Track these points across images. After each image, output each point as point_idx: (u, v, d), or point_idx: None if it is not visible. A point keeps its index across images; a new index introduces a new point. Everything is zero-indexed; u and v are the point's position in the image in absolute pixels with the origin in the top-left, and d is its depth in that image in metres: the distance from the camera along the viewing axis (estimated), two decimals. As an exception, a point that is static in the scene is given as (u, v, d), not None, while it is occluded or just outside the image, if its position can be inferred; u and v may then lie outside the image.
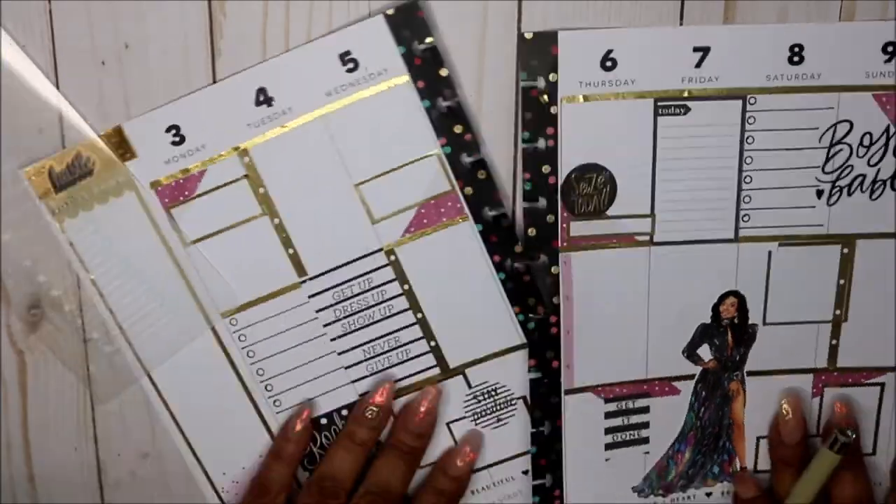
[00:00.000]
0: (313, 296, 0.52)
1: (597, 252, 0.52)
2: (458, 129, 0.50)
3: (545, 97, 0.50)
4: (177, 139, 0.49)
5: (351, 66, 0.49)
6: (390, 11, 0.48)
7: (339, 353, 0.52)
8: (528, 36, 0.49)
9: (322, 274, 0.52)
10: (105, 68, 0.49)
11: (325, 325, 0.52)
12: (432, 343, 0.52)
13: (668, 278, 0.53)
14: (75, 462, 0.55)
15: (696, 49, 0.50)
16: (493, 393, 0.53)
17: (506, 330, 0.52)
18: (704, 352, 0.54)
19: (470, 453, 0.53)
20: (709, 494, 0.56)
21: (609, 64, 0.50)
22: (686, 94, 0.50)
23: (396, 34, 0.48)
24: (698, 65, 0.50)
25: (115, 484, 0.55)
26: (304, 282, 0.51)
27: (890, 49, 0.50)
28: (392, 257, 0.51)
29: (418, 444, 0.53)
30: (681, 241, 0.53)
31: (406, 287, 0.52)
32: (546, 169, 0.51)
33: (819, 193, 0.52)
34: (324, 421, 0.53)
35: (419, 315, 0.52)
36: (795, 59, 0.50)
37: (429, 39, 0.48)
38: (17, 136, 0.49)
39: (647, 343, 0.54)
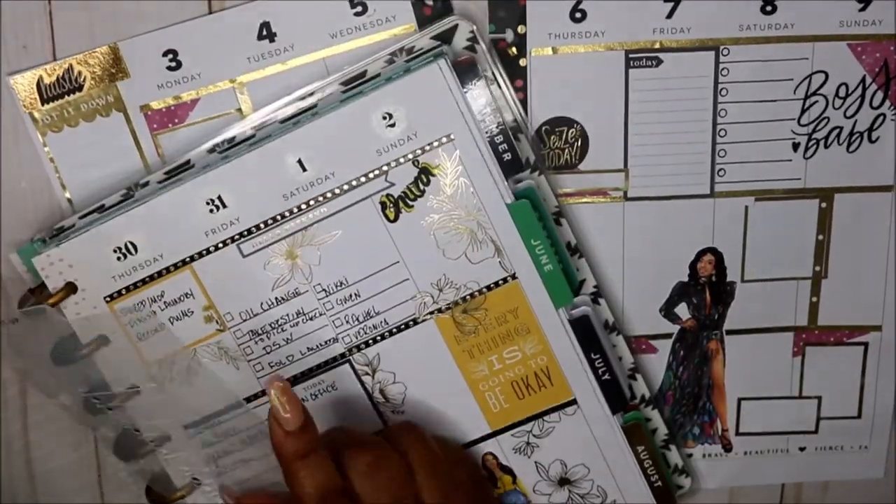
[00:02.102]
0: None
1: (568, 207, 0.51)
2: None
3: (513, 49, 0.50)
4: (173, 64, 0.49)
5: (359, 9, 0.49)
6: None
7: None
8: (498, -13, 0.49)
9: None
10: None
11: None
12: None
13: (643, 235, 0.52)
14: (75, 462, 0.55)
15: (667, -1, 0.49)
16: None
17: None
18: (682, 310, 0.54)
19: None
20: (689, 455, 0.55)
21: (578, 15, 0.49)
22: (658, 46, 0.50)
23: (409, -19, 0.49)
24: (670, 15, 0.49)
25: (115, 484, 0.55)
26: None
27: (864, -3, 0.49)
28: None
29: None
30: (655, 197, 0.52)
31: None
32: (516, 122, 0.51)
33: (795, 146, 0.51)
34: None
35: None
36: (768, 8, 0.49)
37: None
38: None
39: (622, 301, 0.53)
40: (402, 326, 0.50)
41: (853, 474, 0.56)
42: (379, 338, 0.50)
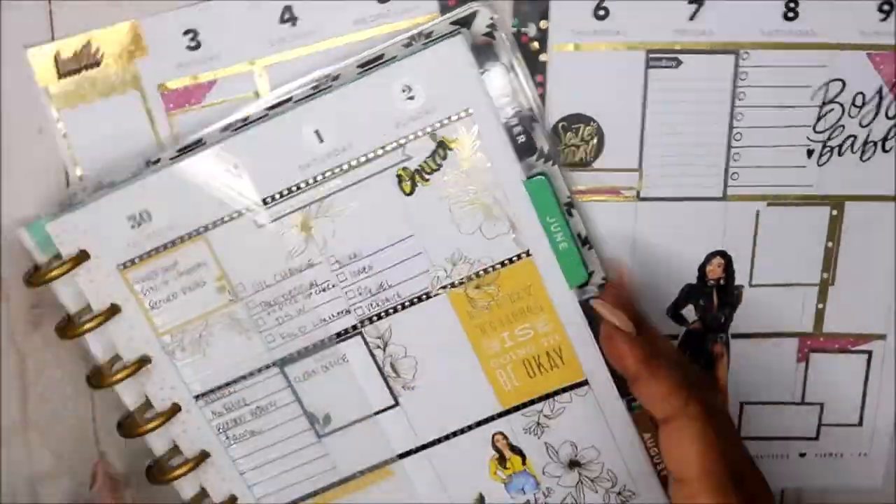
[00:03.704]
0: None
1: (581, 203, 0.51)
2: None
3: (535, 44, 0.50)
4: (193, 44, 0.49)
5: None
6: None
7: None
8: (522, -18, 0.49)
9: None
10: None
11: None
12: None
13: (653, 236, 0.52)
14: (75, 462, 0.55)
15: (690, 1, 0.49)
16: None
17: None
18: (689, 312, 0.54)
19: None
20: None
21: (602, 13, 0.50)
22: (678, 47, 0.50)
23: (433, -32, 0.49)
24: (692, 17, 0.50)
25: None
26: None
27: (886, 7, 0.49)
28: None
29: None
30: (668, 198, 0.52)
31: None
32: (533, 116, 0.51)
33: (809, 153, 0.51)
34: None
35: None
36: (790, 14, 0.50)
37: None
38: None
39: (630, 300, 0.53)
40: (415, 300, 0.50)
41: (852, 481, 0.56)
42: (391, 310, 0.50)
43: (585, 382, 0.51)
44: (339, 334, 0.50)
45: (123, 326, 0.49)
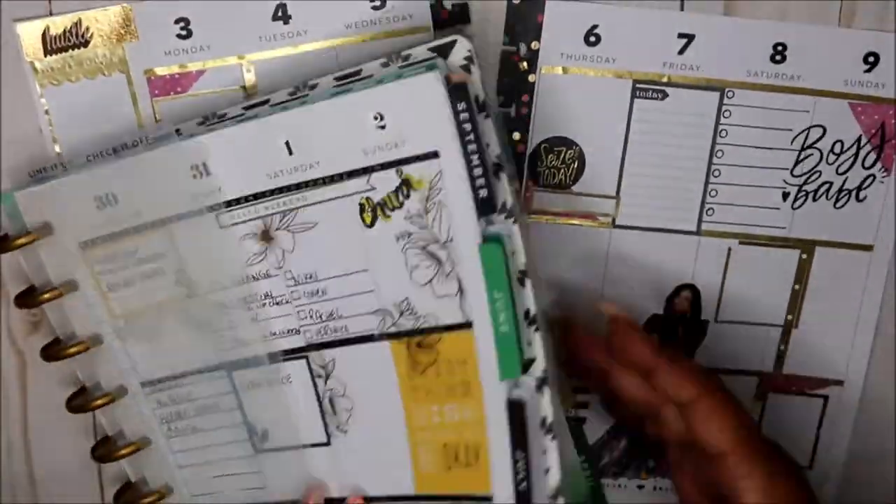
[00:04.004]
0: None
1: (556, 226, 0.52)
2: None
3: (524, 64, 0.50)
4: (183, 33, 0.49)
5: (378, 2, 0.49)
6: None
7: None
8: (517, 1, 0.49)
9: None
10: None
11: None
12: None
13: (625, 264, 0.53)
14: (75, 462, 0.54)
15: (680, 35, 0.50)
16: None
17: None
18: (653, 342, 0.54)
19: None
20: (641, 487, 0.56)
21: (593, 39, 0.50)
22: (666, 80, 0.50)
23: (430, -17, 0.49)
24: (681, 51, 0.50)
25: (115, 484, 0.54)
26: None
27: (871, 59, 0.50)
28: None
29: None
30: (642, 227, 0.52)
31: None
32: (516, 136, 0.51)
33: (785, 195, 0.52)
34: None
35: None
36: (778, 57, 0.50)
37: None
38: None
39: (597, 325, 0.53)
40: (360, 339, 0.48)
41: (799, 523, 0.56)
42: (338, 343, 0.48)
43: (489, 499, 0.47)
44: (286, 352, 0.49)
45: (80, 304, 0.49)
